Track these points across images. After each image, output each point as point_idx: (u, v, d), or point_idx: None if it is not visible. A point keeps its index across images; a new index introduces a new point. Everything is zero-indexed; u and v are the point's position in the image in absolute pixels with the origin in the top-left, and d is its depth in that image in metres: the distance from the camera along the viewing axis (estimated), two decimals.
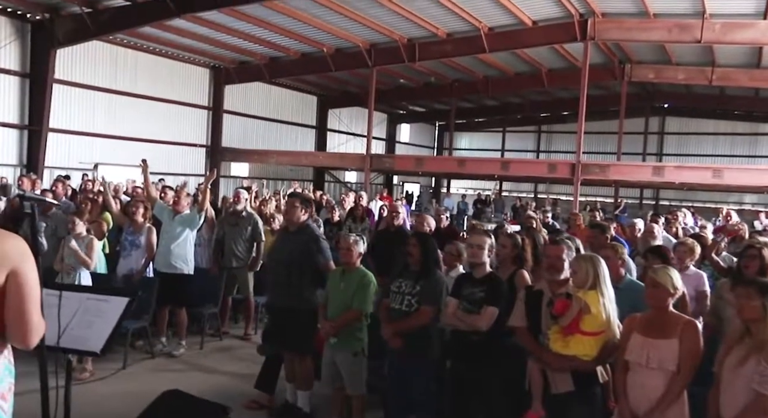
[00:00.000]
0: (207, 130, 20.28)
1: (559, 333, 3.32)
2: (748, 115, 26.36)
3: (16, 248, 1.92)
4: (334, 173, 26.03)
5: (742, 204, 26.24)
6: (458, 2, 14.74)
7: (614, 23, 15.48)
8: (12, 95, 14.74)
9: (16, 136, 14.95)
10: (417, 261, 4.18)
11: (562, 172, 16.75)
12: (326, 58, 18.49)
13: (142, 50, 17.80)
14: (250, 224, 7.09)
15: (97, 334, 2.44)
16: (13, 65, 14.66)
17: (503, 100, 26.85)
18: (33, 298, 1.94)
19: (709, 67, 18.49)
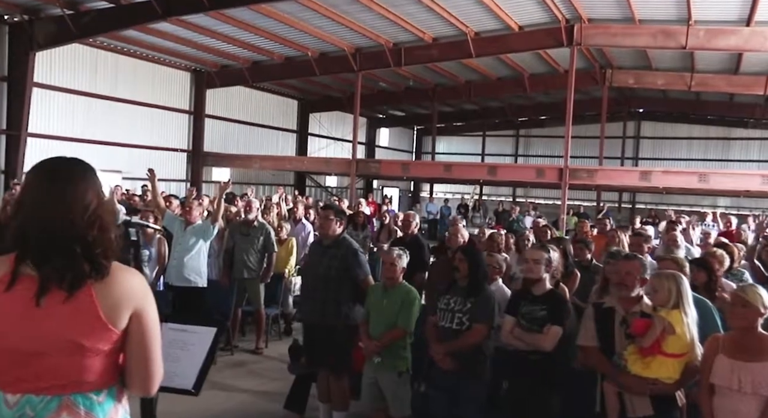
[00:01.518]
0: (188, 134, 19.89)
1: (637, 354, 3.18)
2: (720, 120, 26.90)
3: (139, 286, 1.76)
4: (315, 178, 25.79)
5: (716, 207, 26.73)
6: (446, 7, 14.70)
7: (600, 29, 15.62)
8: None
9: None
10: (465, 276, 4.03)
11: (550, 177, 16.83)
12: (311, 62, 18.29)
13: (123, 53, 17.38)
14: (262, 234, 6.88)
15: (186, 369, 2.25)
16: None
17: (483, 104, 26.92)
18: (156, 342, 1.78)
19: (688, 73, 18.80)
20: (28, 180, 1.77)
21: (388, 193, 29.63)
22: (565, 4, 14.54)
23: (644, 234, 5.45)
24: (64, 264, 1.64)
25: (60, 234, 1.65)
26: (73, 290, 1.64)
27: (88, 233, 1.68)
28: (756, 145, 27.12)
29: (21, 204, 1.73)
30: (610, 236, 6.48)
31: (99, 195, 1.74)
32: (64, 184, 1.70)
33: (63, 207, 1.67)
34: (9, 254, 1.70)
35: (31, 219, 1.67)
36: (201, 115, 19.88)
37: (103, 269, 1.68)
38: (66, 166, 1.77)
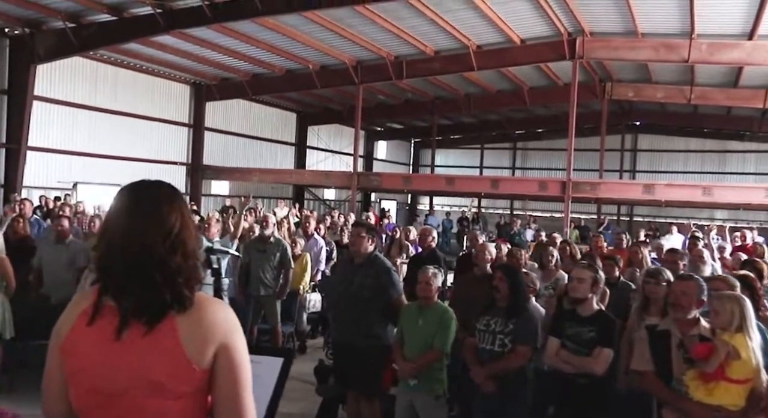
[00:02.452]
0: (187, 147, 19.76)
1: (699, 380, 3.05)
2: (717, 133, 27.01)
3: (227, 319, 1.60)
4: (314, 191, 25.68)
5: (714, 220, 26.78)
6: (449, 20, 14.69)
7: (602, 42, 15.65)
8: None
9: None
10: (505, 297, 3.92)
11: (552, 190, 16.79)
12: (311, 74, 18.23)
13: (122, 66, 17.27)
14: (279, 250, 6.75)
15: None
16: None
17: (481, 117, 26.96)
18: (247, 382, 1.60)
19: (688, 86, 18.86)
20: (111, 206, 1.66)
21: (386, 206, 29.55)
22: (568, 17, 14.55)
23: (680, 251, 5.33)
24: (143, 294, 1.51)
25: (139, 260, 1.53)
26: (153, 322, 1.51)
27: (171, 259, 1.54)
28: (752, 157, 27.25)
29: (104, 231, 1.62)
30: (633, 252, 6.38)
31: (184, 218, 1.61)
32: (145, 207, 1.58)
33: (143, 231, 1.55)
34: (95, 286, 1.59)
35: (112, 246, 1.56)
36: (200, 128, 19.76)
37: (185, 299, 1.54)
38: (148, 187, 1.66)
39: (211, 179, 20.36)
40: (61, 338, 1.57)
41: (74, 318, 1.57)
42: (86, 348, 1.54)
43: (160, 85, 18.65)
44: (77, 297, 1.65)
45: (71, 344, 1.55)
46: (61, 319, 1.61)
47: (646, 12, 13.69)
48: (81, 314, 1.56)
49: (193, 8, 13.06)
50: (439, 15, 14.25)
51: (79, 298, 1.64)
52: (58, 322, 1.62)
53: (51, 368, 1.61)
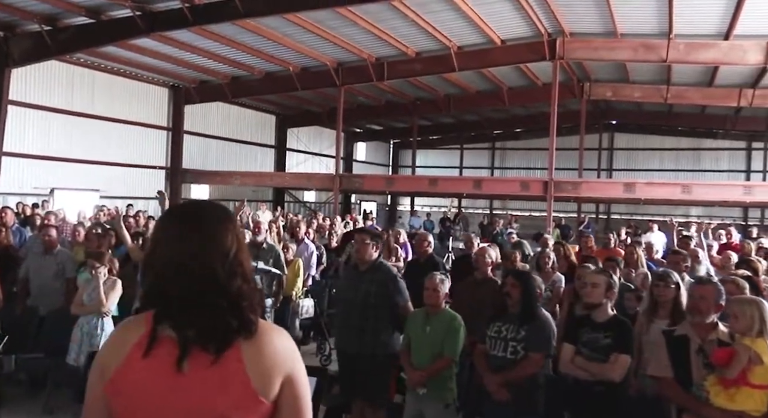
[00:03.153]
0: (166, 151, 19.49)
1: (720, 385, 3.01)
2: (691, 131, 27.46)
3: (290, 347, 1.52)
4: (294, 193, 25.52)
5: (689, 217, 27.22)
6: (431, 21, 14.68)
7: (582, 43, 15.78)
8: None
9: None
10: (517, 303, 3.89)
11: (535, 190, 16.89)
12: (292, 77, 18.10)
13: (99, 69, 16.98)
14: (272, 256, 6.64)
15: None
16: None
17: (460, 117, 27.05)
18: (309, 412, 1.53)
19: (664, 86, 19.11)
20: (159, 229, 1.57)
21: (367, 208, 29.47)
22: (549, 17, 14.64)
23: (682, 252, 5.36)
24: (208, 321, 1.42)
25: (201, 285, 1.43)
26: (221, 350, 1.41)
27: (231, 283, 1.45)
28: (726, 155, 27.76)
29: (153, 257, 1.51)
30: (628, 252, 6.41)
31: (238, 239, 1.53)
32: (201, 229, 1.49)
33: (202, 255, 1.45)
34: (143, 313, 1.49)
35: (166, 272, 1.46)
36: (179, 132, 19.51)
37: (252, 325, 1.45)
38: (199, 209, 1.57)
39: (191, 183, 20.11)
40: (109, 374, 1.43)
41: (125, 352, 1.43)
42: (142, 383, 1.41)
43: (138, 88, 18.37)
44: (122, 328, 1.52)
45: (123, 381, 1.42)
46: (105, 353, 1.48)
47: (625, 13, 13.83)
48: (134, 346, 1.43)
49: (173, 10, 12.87)
50: (420, 16, 14.24)
51: (126, 329, 1.50)
52: (99, 357, 1.49)
53: (94, 408, 1.46)
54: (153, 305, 1.47)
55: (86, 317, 5.07)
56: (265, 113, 23.85)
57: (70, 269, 6.11)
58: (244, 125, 22.82)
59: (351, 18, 13.97)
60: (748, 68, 16.24)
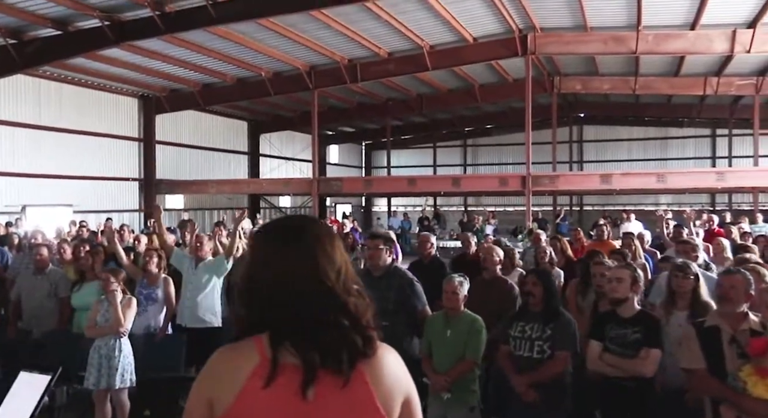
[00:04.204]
0: (139, 162, 19.13)
1: (756, 375, 2.96)
2: (658, 121, 27.97)
3: (404, 366, 1.46)
4: (269, 199, 25.30)
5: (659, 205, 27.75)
6: (403, 21, 14.68)
7: (553, 37, 15.95)
8: None
9: None
10: (539, 301, 3.86)
11: (513, 185, 16.99)
12: (264, 82, 17.94)
13: (67, 81, 16.58)
14: None
15: None
16: None
17: (432, 116, 27.12)
18: None
19: (632, 77, 19.42)
20: (261, 249, 1.47)
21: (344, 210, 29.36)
22: (519, 13, 14.76)
23: (692, 242, 5.40)
24: (334, 342, 1.35)
25: (320, 306, 1.36)
26: (349, 373, 1.34)
27: (349, 300, 1.40)
28: (692, 142, 28.34)
29: (257, 279, 1.42)
30: (626, 244, 6.47)
31: (344, 253, 1.47)
32: (310, 248, 1.42)
33: (316, 274, 1.39)
34: (247, 340, 1.39)
35: (278, 294, 1.38)
36: (151, 142, 19.17)
37: (374, 343, 1.40)
38: (303, 226, 1.49)
39: (166, 194, 19.77)
40: (222, 409, 1.34)
41: (239, 383, 1.33)
42: (266, 416, 1.32)
43: (107, 99, 18.00)
44: (226, 358, 1.39)
45: (243, 415, 1.33)
46: (212, 387, 1.36)
47: (595, 6, 14.03)
48: (250, 377, 1.33)
49: (143, 19, 12.61)
50: (393, 16, 14.22)
51: (231, 358, 1.38)
52: (204, 391, 1.38)
53: None
54: (258, 331, 1.38)
55: (103, 339, 4.88)
56: (236, 120, 23.60)
57: (64, 288, 5.93)
58: (216, 133, 22.54)
59: (324, 20, 13.88)
60: (713, 57, 16.61)
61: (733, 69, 17.59)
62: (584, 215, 29.16)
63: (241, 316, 1.45)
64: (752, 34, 14.16)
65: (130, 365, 4.88)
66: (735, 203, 25.94)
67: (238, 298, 1.49)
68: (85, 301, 5.68)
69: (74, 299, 5.80)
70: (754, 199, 18.82)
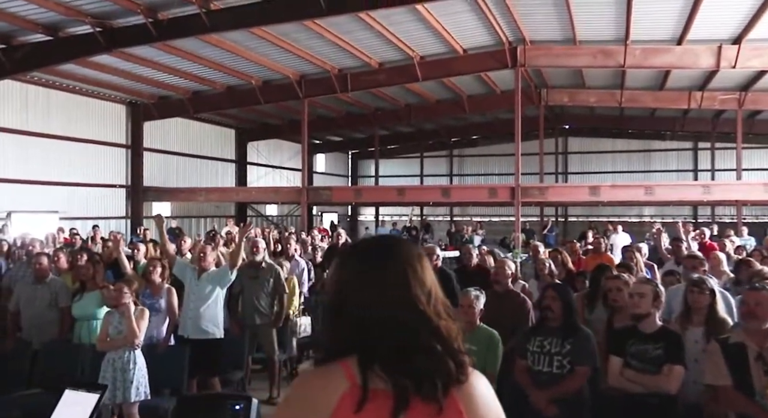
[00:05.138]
0: (126, 169, 18.95)
1: None
2: (641, 134, 28.33)
3: (493, 392, 1.43)
4: (256, 207, 25.17)
5: (642, 216, 28.08)
6: (395, 32, 14.74)
7: (542, 50, 16.10)
8: None
9: None
10: (558, 316, 3.87)
11: (502, 196, 17.09)
12: (254, 90, 17.90)
13: (55, 87, 16.41)
14: (272, 275, 6.51)
15: None
16: None
17: (419, 126, 27.22)
18: None
19: (618, 90, 19.67)
20: (350, 269, 1.43)
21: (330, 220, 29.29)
22: (510, 26, 14.89)
23: (699, 257, 5.45)
24: (427, 367, 1.31)
25: (412, 330, 1.33)
26: (444, 400, 1.30)
27: (440, 323, 1.37)
28: (674, 155, 28.72)
29: (346, 300, 1.39)
30: (628, 257, 6.51)
31: (432, 274, 1.45)
32: (402, 269, 1.39)
33: (408, 295, 1.36)
34: (334, 364, 1.36)
35: (369, 316, 1.35)
36: (139, 149, 19.01)
37: (467, 368, 1.37)
38: (395, 245, 1.46)
39: (153, 201, 19.58)
40: None
41: (330, 408, 1.29)
42: None
43: (95, 105, 17.84)
44: (311, 383, 1.36)
45: None
46: (302, 412, 1.33)
47: (585, 20, 14.19)
48: (340, 401, 1.30)
49: (135, 26, 12.53)
50: (386, 27, 14.28)
51: (318, 383, 1.35)
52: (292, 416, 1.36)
53: None
54: (343, 354, 1.35)
55: (117, 352, 4.80)
56: (224, 127, 23.49)
57: (64, 298, 5.84)
58: (204, 140, 22.42)
59: (317, 30, 13.91)
60: (698, 71, 16.88)
61: (716, 83, 17.90)
62: (569, 226, 29.41)
63: (325, 337, 1.42)
64: (738, 50, 14.42)
65: (144, 378, 4.82)
66: (717, 216, 26.31)
67: (323, 319, 1.47)
68: (87, 311, 5.61)
69: (75, 308, 5.72)
70: (737, 212, 19.09)
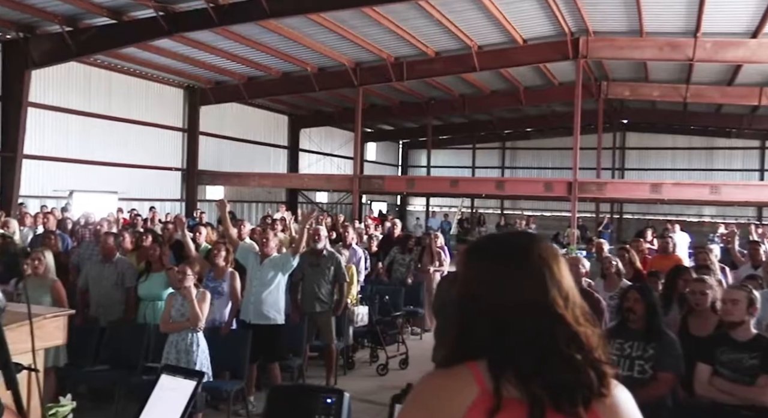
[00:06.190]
0: (182, 152, 19.26)
1: None
2: (703, 130, 27.31)
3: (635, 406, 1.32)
4: (307, 194, 25.31)
5: (702, 216, 27.15)
6: (454, 20, 14.50)
7: (606, 42, 15.61)
8: None
9: None
10: (641, 319, 3.68)
11: (558, 190, 16.70)
12: (309, 77, 17.89)
13: (116, 70, 16.76)
14: (332, 263, 6.45)
15: None
16: None
17: (472, 117, 26.86)
18: None
19: (683, 85, 18.94)
20: (482, 267, 1.32)
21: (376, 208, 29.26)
22: (574, 16, 14.46)
23: (758, 276, 5.15)
24: (566, 378, 1.19)
25: (551, 336, 1.22)
26: (585, 415, 1.19)
27: (579, 330, 1.24)
28: (739, 154, 27.60)
29: (477, 299, 1.28)
30: (701, 259, 6.22)
31: (570, 277, 1.31)
32: (538, 270, 1.27)
33: (546, 299, 1.24)
34: (461, 366, 1.25)
35: (502, 319, 1.23)
36: (195, 133, 19.28)
37: (609, 381, 1.24)
38: (530, 244, 1.33)
39: (207, 185, 19.86)
40: None
41: (460, 415, 1.20)
42: None
43: (154, 89, 18.14)
44: (446, 384, 1.26)
45: None
46: (423, 412, 1.24)
47: (653, 11, 13.66)
48: (470, 408, 1.20)
49: (197, 11, 12.66)
50: (444, 15, 14.06)
51: (446, 386, 1.25)
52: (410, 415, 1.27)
53: None
54: (470, 356, 1.24)
55: (180, 334, 4.84)
56: (277, 113, 23.62)
57: (130, 278, 5.90)
58: (257, 126, 22.59)
59: (375, 17, 13.78)
60: None
61: None
62: (624, 224, 28.63)
63: (450, 337, 1.31)
64: None
65: (207, 360, 4.84)
66: None
67: (450, 318, 1.34)
68: (152, 292, 5.65)
69: (141, 289, 5.77)
70: None
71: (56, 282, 5.14)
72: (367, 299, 7.78)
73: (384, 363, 7.21)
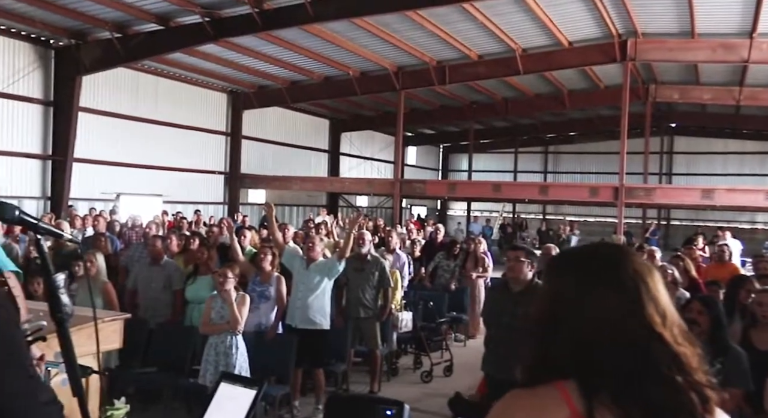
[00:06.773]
0: (225, 156, 19.51)
1: None
2: (757, 134, 26.39)
3: None
4: (347, 198, 25.36)
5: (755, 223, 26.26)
6: (498, 23, 14.31)
7: (655, 43, 15.20)
8: (35, 124, 13.88)
9: (39, 166, 14.06)
10: (705, 331, 3.51)
11: (604, 195, 16.31)
12: (351, 81, 17.91)
13: (163, 75, 17.08)
14: (377, 268, 6.38)
15: None
16: (36, 93, 13.81)
17: (515, 121, 26.54)
18: None
19: (736, 87, 18.32)
20: (568, 281, 1.23)
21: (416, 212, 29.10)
22: (622, 18, 14.13)
23: None
24: (667, 401, 1.11)
25: (648, 356, 1.13)
26: None
27: (679, 349, 1.16)
28: None
29: (564, 315, 1.20)
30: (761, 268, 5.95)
31: (667, 293, 1.22)
32: (631, 284, 1.18)
33: (642, 316, 1.16)
34: (549, 384, 1.17)
35: (592, 336, 1.15)
36: (238, 137, 19.52)
37: (712, 405, 1.15)
38: (620, 256, 1.24)
39: (249, 188, 20.06)
40: None
41: None
42: None
43: (198, 93, 18.43)
44: (533, 403, 1.18)
45: None
46: None
47: (706, 11, 13.24)
48: None
49: (241, 16, 12.78)
50: (488, 18, 13.88)
51: (537, 404, 1.17)
52: None
53: None
54: (556, 375, 1.16)
55: (219, 337, 4.86)
56: (319, 117, 23.74)
57: (178, 281, 5.94)
58: (298, 130, 22.74)
59: (418, 21, 13.69)
60: None
61: None
62: (671, 230, 27.89)
63: (534, 354, 1.22)
64: None
65: (246, 362, 4.83)
66: None
67: (534, 334, 1.25)
68: (199, 295, 5.67)
69: (188, 292, 5.81)
70: None
71: (107, 284, 5.20)
72: (410, 305, 7.69)
73: (428, 370, 7.12)
